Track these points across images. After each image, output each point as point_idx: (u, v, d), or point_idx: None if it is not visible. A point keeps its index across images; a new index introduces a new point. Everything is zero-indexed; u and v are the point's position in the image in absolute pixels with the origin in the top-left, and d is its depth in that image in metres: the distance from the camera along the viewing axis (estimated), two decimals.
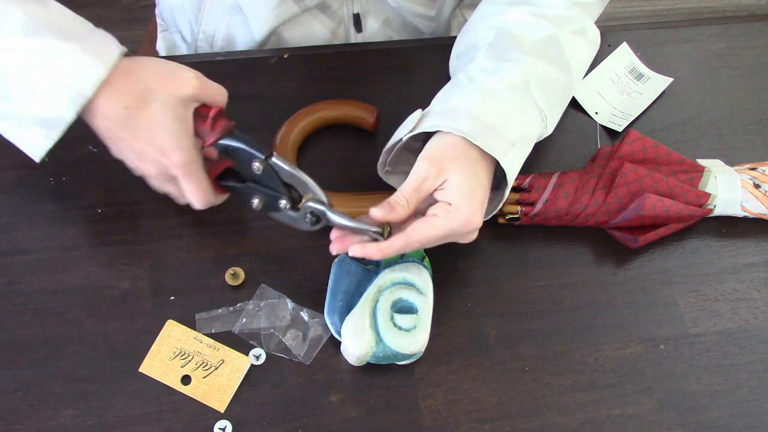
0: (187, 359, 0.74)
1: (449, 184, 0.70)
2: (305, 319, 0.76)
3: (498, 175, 0.75)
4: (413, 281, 0.75)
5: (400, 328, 0.73)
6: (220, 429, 0.71)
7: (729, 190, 0.82)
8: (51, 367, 0.73)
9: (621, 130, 0.89)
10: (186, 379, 0.73)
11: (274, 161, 0.71)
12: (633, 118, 0.90)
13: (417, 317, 0.73)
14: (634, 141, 0.82)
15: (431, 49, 0.93)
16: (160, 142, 0.69)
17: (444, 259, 0.79)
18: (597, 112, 0.91)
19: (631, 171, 0.80)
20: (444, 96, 0.76)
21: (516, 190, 0.82)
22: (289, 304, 0.76)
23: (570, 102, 0.85)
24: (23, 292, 0.76)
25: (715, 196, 0.82)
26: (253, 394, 0.73)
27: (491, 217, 0.76)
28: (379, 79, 0.90)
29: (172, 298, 0.76)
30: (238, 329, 0.75)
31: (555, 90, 0.77)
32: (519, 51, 0.76)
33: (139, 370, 0.73)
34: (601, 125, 0.90)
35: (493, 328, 0.78)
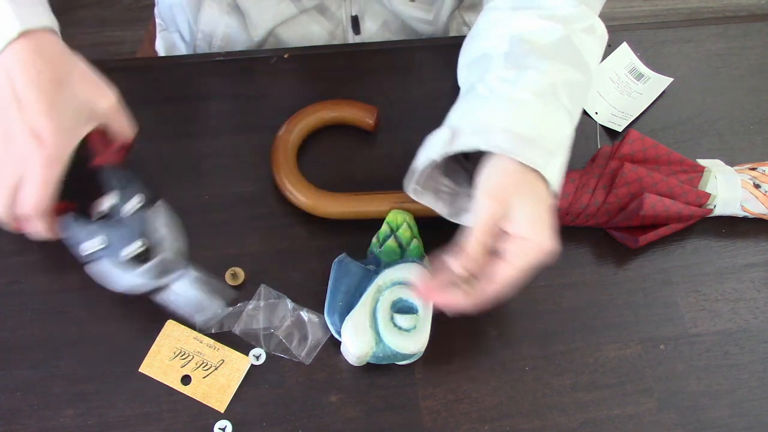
0: (187, 359, 0.74)
1: (515, 217, 0.67)
2: (305, 319, 0.76)
3: None
4: (413, 281, 0.75)
5: (400, 328, 0.73)
6: (220, 429, 0.71)
7: (729, 190, 0.82)
8: (51, 367, 0.73)
9: (621, 130, 0.89)
10: (186, 379, 0.73)
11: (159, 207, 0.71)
12: (633, 118, 0.90)
13: (417, 317, 0.73)
14: (634, 141, 0.82)
15: (432, 49, 0.93)
16: (42, 121, 0.65)
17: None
18: (597, 112, 0.91)
19: (631, 171, 0.80)
20: (466, 108, 0.73)
21: None
22: (289, 304, 0.76)
23: None
24: (23, 292, 0.76)
25: (715, 196, 0.82)
26: (253, 394, 0.73)
27: None
28: (379, 79, 0.90)
29: None
30: (238, 329, 0.75)
31: (577, 90, 0.75)
32: (536, 56, 0.73)
33: (139, 370, 0.73)
34: (601, 125, 0.90)
35: (493, 328, 0.78)
